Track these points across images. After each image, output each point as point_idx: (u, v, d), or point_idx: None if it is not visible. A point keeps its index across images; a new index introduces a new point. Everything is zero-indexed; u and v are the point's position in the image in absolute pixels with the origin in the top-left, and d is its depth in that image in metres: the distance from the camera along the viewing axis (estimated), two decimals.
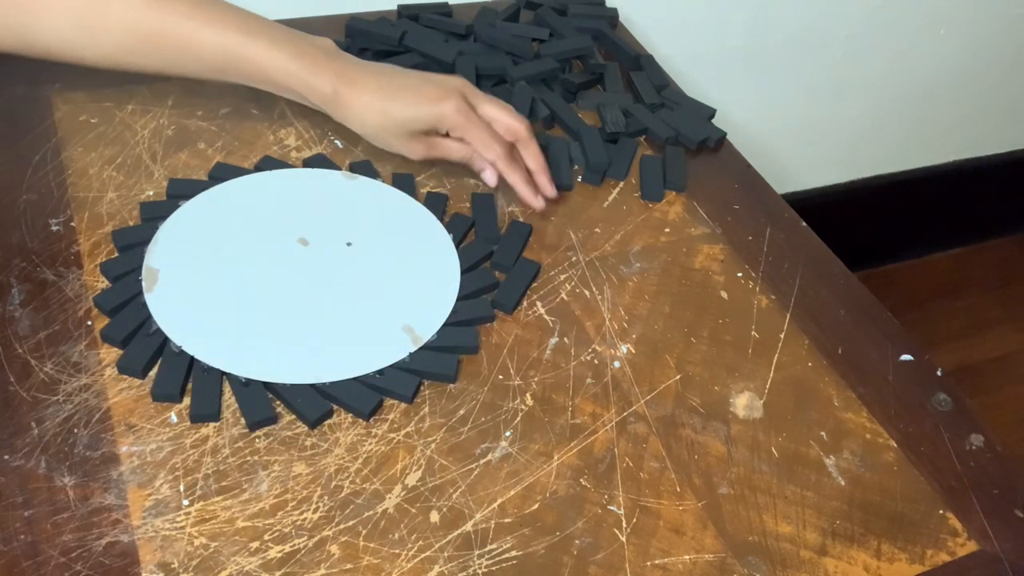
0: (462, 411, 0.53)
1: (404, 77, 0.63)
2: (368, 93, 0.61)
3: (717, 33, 1.09)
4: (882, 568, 0.50)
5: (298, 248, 0.60)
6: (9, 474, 0.46)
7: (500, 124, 0.64)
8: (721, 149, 0.78)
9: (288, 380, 0.52)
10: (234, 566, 0.44)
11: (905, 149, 1.43)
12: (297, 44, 0.61)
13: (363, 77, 0.61)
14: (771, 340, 0.61)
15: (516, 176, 0.65)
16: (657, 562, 0.48)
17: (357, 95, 0.61)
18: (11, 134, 0.64)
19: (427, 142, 0.64)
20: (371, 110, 0.61)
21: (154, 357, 0.52)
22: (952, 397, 0.59)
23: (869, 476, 0.54)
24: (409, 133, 0.62)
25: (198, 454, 0.48)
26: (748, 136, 1.19)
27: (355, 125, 0.63)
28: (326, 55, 0.61)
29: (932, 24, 1.23)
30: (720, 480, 0.52)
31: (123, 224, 0.59)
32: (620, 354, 0.58)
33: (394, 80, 0.62)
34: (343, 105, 0.61)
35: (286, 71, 0.60)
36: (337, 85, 0.61)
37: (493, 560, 0.47)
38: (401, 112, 0.61)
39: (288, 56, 0.60)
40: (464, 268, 0.60)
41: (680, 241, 0.67)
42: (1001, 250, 1.67)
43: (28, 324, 0.53)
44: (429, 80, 0.63)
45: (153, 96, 0.70)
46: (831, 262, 0.68)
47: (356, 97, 0.61)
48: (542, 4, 0.87)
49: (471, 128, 0.63)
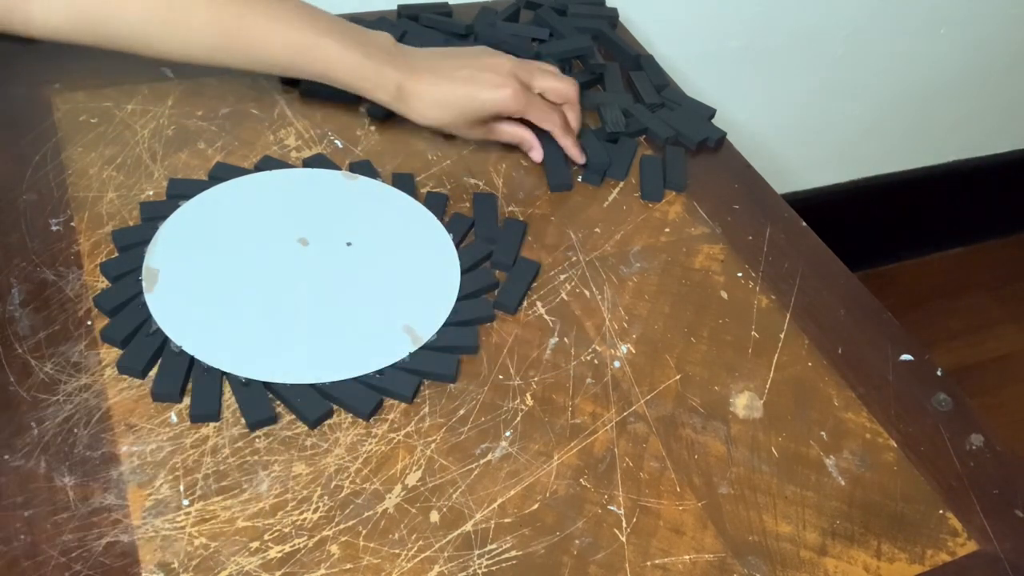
0: (462, 411, 0.53)
1: (461, 67, 0.65)
2: (430, 88, 0.64)
3: (717, 33, 1.09)
4: (882, 568, 0.50)
5: (298, 248, 0.60)
6: (9, 474, 0.46)
7: (551, 93, 0.69)
8: (721, 149, 0.78)
9: (288, 380, 0.52)
10: (234, 566, 0.44)
11: (905, 149, 1.43)
12: (363, 43, 0.63)
13: (423, 72, 0.64)
14: (771, 340, 0.61)
15: (568, 140, 0.70)
16: (657, 562, 0.48)
17: (420, 91, 0.64)
18: (11, 134, 0.64)
19: (486, 127, 0.68)
20: (433, 104, 0.65)
21: (154, 357, 0.52)
22: (952, 397, 0.59)
23: (869, 476, 0.54)
24: (470, 122, 0.66)
25: (198, 454, 0.48)
26: (748, 136, 1.19)
27: (417, 118, 0.66)
28: (389, 54, 0.64)
29: (932, 24, 1.23)
30: (720, 480, 0.52)
31: (123, 224, 0.59)
32: (620, 354, 0.58)
33: (453, 72, 0.65)
34: (407, 101, 0.64)
35: (355, 73, 0.63)
36: (401, 82, 0.63)
37: (493, 560, 0.47)
38: (464, 105, 0.65)
39: (357, 57, 0.62)
40: (464, 268, 0.60)
41: (680, 241, 0.67)
42: (1001, 250, 1.67)
43: (28, 324, 0.53)
44: (485, 67, 0.66)
45: (153, 96, 0.70)
46: (831, 262, 0.68)
47: (419, 94, 0.64)
48: (542, 4, 0.87)
49: (530, 109, 0.67)
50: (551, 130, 0.68)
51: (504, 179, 0.69)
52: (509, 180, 0.69)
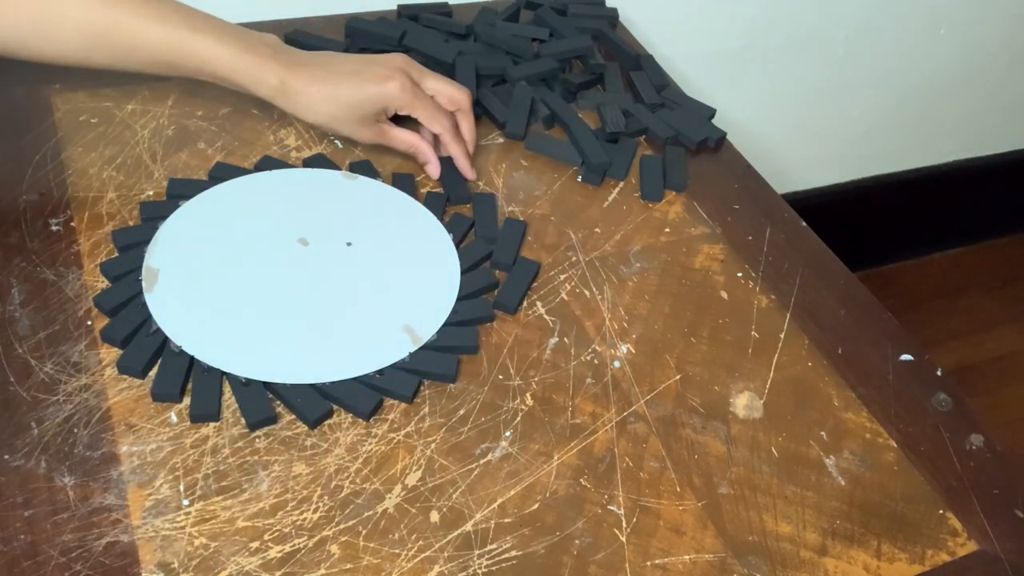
0: (462, 411, 0.53)
1: (348, 63, 0.64)
2: (316, 82, 0.62)
3: (717, 33, 1.09)
4: (882, 568, 0.50)
5: (298, 248, 0.60)
6: (9, 474, 0.46)
7: (443, 96, 0.66)
8: (721, 149, 0.78)
9: (288, 380, 0.52)
10: (234, 566, 0.44)
11: (905, 149, 1.43)
12: (242, 39, 0.61)
13: (308, 67, 0.62)
14: (771, 340, 0.61)
15: (458, 149, 0.67)
16: (657, 562, 0.48)
17: (304, 84, 0.62)
18: (11, 134, 0.64)
19: (376, 128, 0.65)
20: (320, 97, 0.62)
21: (154, 357, 0.52)
22: (952, 397, 0.59)
23: (869, 476, 0.54)
24: (359, 118, 0.64)
25: (198, 454, 0.48)
26: (748, 136, 1.19)
27: (305, 114, 0.63)
28: (272, 49, 0.62)
29: (932, 24, 1.23)
30: (720, 480, 0.52)
31: (123, 224, 0.59)
32: (620, 354, 0.58)
33: (339, 67, 0.63)
34: (292, 95, 0.62)
35: (232, 66, 0.61)
36: (284, 76, 0.61)
37: (493, 560, 0.47)
38: (350, 96, 0.63)
39: (234, 51, 0.60)
40: (464, 268, 0.60)
41: (680, 241, 0.67)
42: (1001, 250, 1.67)
43: (28, 324, 0.53)
44: (372, 62, 0.64)
45: (153, 96, 0.70)
46: (831, 262, 0.68)
47: (304, 86, 0.62)
48: (542, 4, 0.87)
49: (417, 104, 0.64)
50: (440, 133, 0.66)
51: (504, 179, 0.69)
52: (509, 180, 0.69)
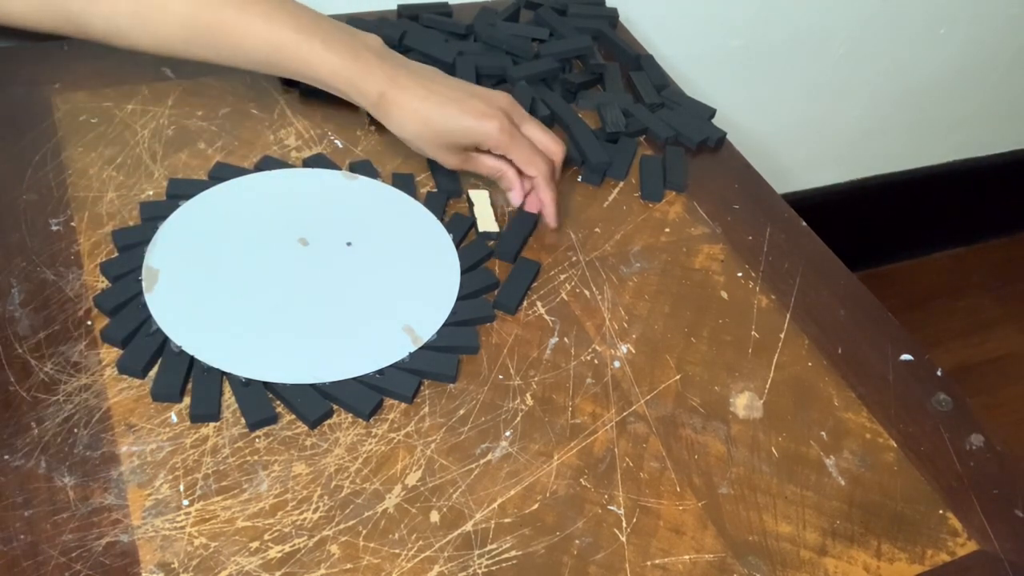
0: (462, 411, 0.53)
1: (451, 88, 0.62)
2: (414, 101, 0.60)
3: (717, 33, 1.09)
4: (882, 568, 0.50)
5: (298, 248, 0.60)
6: (9, 474, 0.46)
7: (539, 145, 0.63)
8: (721, 149, 0.78)
9: (288, 380, 0.52)
10: (234, 566, 0.44)
11: (905, 149, 1.43)
12: (349, 45, 0.60)
13: (410, 83, 0.61)
14: (771, 340, 0.61)
15: (549, 196, 0.64)
16: (657, 562, 0.48)
17: (402, 102, 0.60)
18: (11, 134, 0.64)
19: (464, 155, 0.63)
20: (414, 116, 0.61)
21: (154, 357, 0.52)
22: (952, 397, 0.59)
23: (869, 476, 0.54)
24: (447, 144, 0.62)
25: (198, 454, 0.48)
26: (748, 136, 1.19)
27: (395, 129, 0.62)
28: (377, 57, 0.61)
29: (932, 24, 1.23)
30: (720, 480, 0.52)
31: (123, 224, 0.59)
32: (620, 354, 0.58)
33: (441, 89, 0.61)
34: (387, 108, 0.61)
35: (336, 74, 0.60)
36: (384, 89, 0.60)
37: (493, 560, 0.47)
38: (444, 123, 0.61)
39: (339, 59, 0.60)
40: (464, 268, 0.60)
41: (680, 241, 0.67)
42: (1001, 250, 1.67)
43: (28, 324, 0.53)
44: (476, 95, 0.62)
45: (153, 96, 0.70)
46: (831, 262, 0.68)
47: (401, 104, 0.60)
48: (542, 4, 0.87)
49: (514, 147, 0.62)
50: (534, 176, 0.63)
51: None
52: None
